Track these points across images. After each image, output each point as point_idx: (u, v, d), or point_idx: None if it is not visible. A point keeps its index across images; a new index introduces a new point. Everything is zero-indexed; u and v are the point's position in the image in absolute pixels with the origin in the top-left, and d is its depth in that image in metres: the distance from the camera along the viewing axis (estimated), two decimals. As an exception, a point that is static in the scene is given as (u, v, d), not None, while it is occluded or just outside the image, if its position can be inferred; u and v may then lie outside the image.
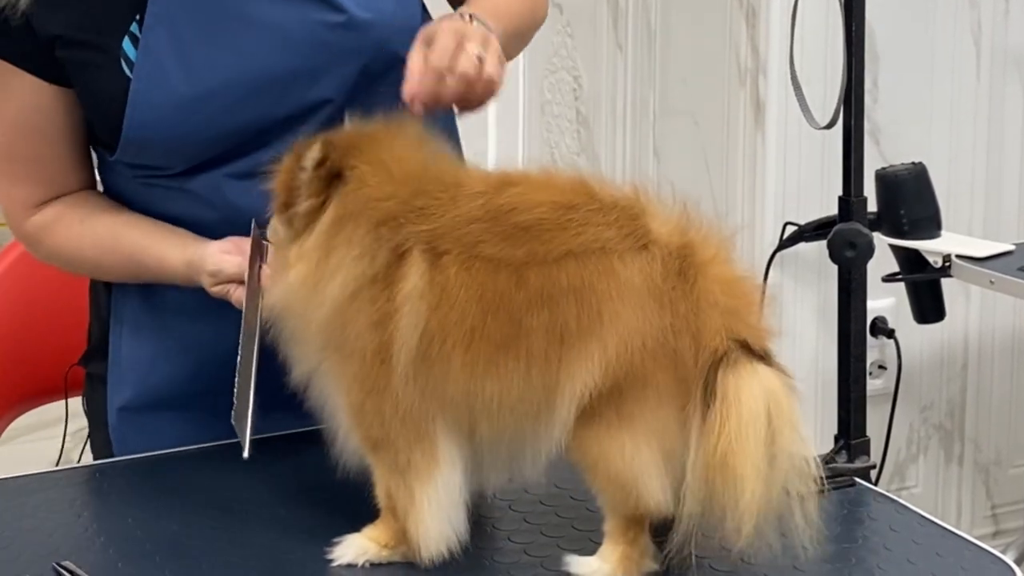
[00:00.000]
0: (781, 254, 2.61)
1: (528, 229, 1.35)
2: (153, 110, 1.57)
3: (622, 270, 1.34)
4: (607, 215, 1.36)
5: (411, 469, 1.39)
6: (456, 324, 1.35)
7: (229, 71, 1.58)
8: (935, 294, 2.53)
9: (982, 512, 2.99)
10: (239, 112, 1.59)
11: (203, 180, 1.62)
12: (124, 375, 1.72)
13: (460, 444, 1.39)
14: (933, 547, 1.47)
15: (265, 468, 1.63)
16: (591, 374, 1.33)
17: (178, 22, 1.57)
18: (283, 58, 1.59)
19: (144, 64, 1.57)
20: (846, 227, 1.76)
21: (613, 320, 1.33)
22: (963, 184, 2.84)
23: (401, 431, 1.38)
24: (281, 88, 1.59)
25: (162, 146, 1.60)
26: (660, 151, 2.95)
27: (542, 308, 1.34)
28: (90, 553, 1.44)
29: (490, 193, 1.38)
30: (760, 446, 1.31)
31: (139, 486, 1.60)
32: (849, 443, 1.71)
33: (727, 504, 1.31)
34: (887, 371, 2.71)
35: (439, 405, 1.37)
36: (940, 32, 2.79)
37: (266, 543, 1.46)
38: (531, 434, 1.37)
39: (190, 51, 1.57)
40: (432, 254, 1.36)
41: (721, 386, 1.32)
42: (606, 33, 3.04)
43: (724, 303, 1.35)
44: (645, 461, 1.35)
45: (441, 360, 1.35)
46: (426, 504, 1.39)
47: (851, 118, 1.77)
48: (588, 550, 1.41)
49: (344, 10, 1.59)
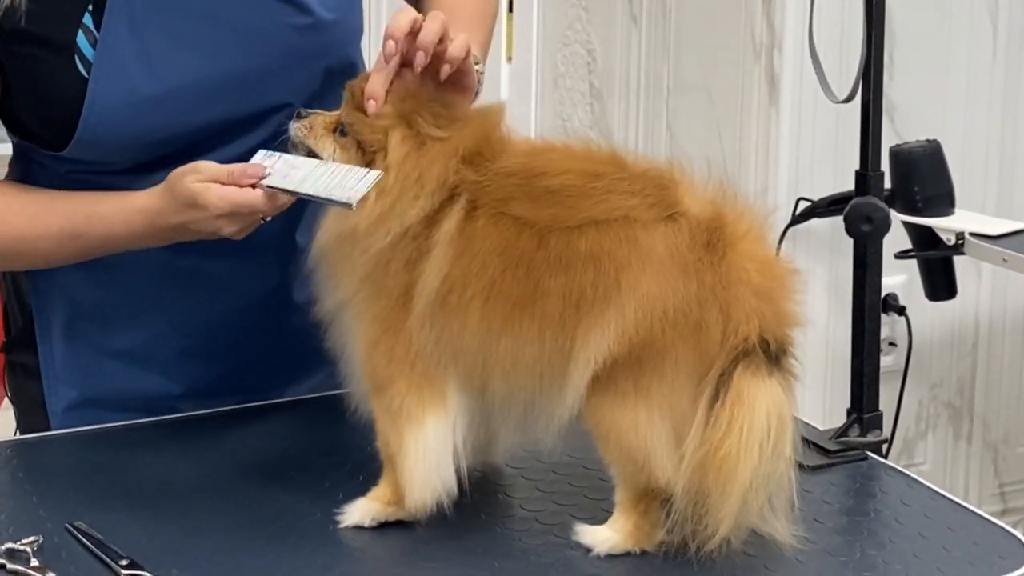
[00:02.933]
0: (793, 229, 2.61)
1: (554, 193, 1.36)
2: (111, 110, 1.53)
3: (644, 238, 1.34)
4: (633, 184, 1.36)
5: (403, 413, 1.40)
6: (476, 275, 1.35)
7: (193, 71, 1.55)
8: (947, 271, 2.54)
9: (990, 490, 3.00)
10: (199, 112, 1.57)
11: (147, 180, 1.55)
12: (60, 375, 1.68)
13: (468, 398, 1.40)
14: (944, 521, 1.48)
15: (280, 431, 1.64)
16: (606, 340, 1.33)
17: (140, 20, 1.54)
18: (249, 59, 1.57)
19: (103, 63, 1.53)
20: (863, 201, 1.75)
21: (632, 287, 1.33)
22: (977, 162, 2.84)
23: (405, 373, 1.39)
24: (244, 89, 1.57)
25: (116, 144, 1.56)
26: (673, 125, 2.94)
27: (560, 272, 1.34)
28: (102, 513, 1.45)
29: (530, 154, 1.40)
30: (758, 461, 1.32)
31: (152, 446, 1.60)
32: (862, 417, 1.71)
33: (711, 501, 1.32)
34: (897, 348, 2.71)
35: (452, 355, 1.38)
36: (956, 9, 2.78)
37: (278, 507, 1.47)
38: (545, 398, 1.37)
39: (152, 50, 1.54)
40: (470, 203, 1.37)
41: (737, 383, 1.32)
42: (621, 6, 3.03)
43: (758, 282, 1.35)
44: (658, 435, 1.35)
45: (459, 309, 1.36)
46: (413, 449, 1.39)
47: (869, 92, 1.77)
48: (600, 519, 1.41)
49: (311, 12, 1.58)
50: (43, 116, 1.57)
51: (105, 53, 1.53)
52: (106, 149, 1.57)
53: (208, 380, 1.68)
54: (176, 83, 1.55)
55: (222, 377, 1.69)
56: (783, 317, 1.36)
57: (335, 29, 1.60)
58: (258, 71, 1.58)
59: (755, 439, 1.31)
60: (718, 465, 1.31)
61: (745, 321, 1.33)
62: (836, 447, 1.63)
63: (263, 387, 1.72)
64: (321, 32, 1.59)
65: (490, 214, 1.37)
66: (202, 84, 1.56)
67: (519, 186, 1.37)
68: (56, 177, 1.61)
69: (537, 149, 1.42)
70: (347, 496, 1.45)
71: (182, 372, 1.68)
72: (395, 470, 1.41)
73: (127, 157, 1.58)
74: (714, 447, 1.31)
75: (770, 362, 1.34)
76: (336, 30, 1.60)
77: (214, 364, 1.68)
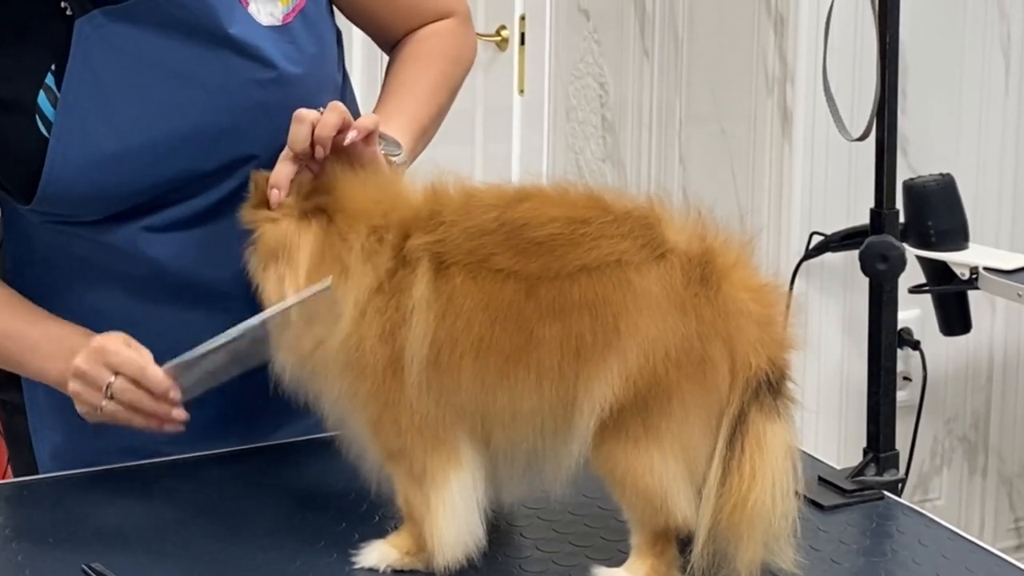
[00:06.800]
0: (807, 264, 2.60)
1: (541, 244, 1.35)
2: (72, 167, 1.53)
3: (638, 281, 1.34)
4: (621, 227, 1.35)
5: (427, 476, 1.39)
6: (464, 332, 1.35)
7: (156, 128, 1.55)
8: (962, 306, 2.53)
9: (1005, 525, 2.99)
10: (163, 167, 1.57)
11: (118, 232, 1.58)
12: (45, 419, 1.68)
13: (476, 451, 1.39)
14: (962, 561, 1.47)
15: (292, 474, 1.64)
16: (611, 387, 1.33)
17: (103, 78, 1.53)
18: (213, 115, 1.56)
19: (64, 122, 1.53)
20: (878, 239, 1.75)
21: (631, 332, 1.33)
22: (991, 196, 2.83)
23: (418, 440, 1.39)
24: (208, 144, 1.57)
25: (79, 199, 1.56)
26: (686, 159, 2.94)
27: (554, 320, 1.34)
28: (119, 555, 1.44)
29: (503, 207, 1.38)
30: (782, 505, 1.34)
31: (168, 487, 1.60)
32: (878, 456, 1.70)
33: (738, 546, 1.34)
34: (912, 382, 2.71)
35: (455, 413, 1.38)
36: (969, 44, 2.78)
37: (294, 547, 1.46)
38: (550, 448, 1.37)
39: (114, 105, 1.54)
40: (439, 264, 1.36)
41: (754, 429, 1.33)
42: (633, 40, 3.03)
43: (757, 312, 1.35)
44: (673, 475, 1.34)
45: (452, 369, 1.36)
46: (442, 510, 1.39)
47: (883, 130, 1.77)
48: (616, 560, 1.41)
49: (275, 66, 1.57)
50: (5, 172, 1.58)
51: (66, 111, 1.53)
52: (71, 204, 1.57)
53: (199, 423, 1.60)
54: (138, 140, 1.55)
55: (214, 420, 1.65)
56: (783, 342, 1.37)
57: (301, 83, 1.58)
58: (222, 125, 1.57)
59: (779, 486, 1.33)
60: (749, 516, 1.32)
61: (753, 353, 1.34)
62: (853, 486, 1.62)
63: (255, 428, 1.70)
64: (284, 86, 1.57)
65: (467, 272, 1.35)
66: (165, 140, 1.55)
67: (499, 241, 1.35)
68: (34, 226, 1.62)
69: (508, 200, 1.39)
70: (363, 537, 1.45)
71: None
72: (418, 526, 1.41)
73: (94, 210, 1.58)
74: (743, 497, 1.32)
75: (774, 391, 1.34)
76: (302, 84, 1.59)
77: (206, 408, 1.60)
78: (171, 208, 1.59)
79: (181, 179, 1.58)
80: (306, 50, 1.60)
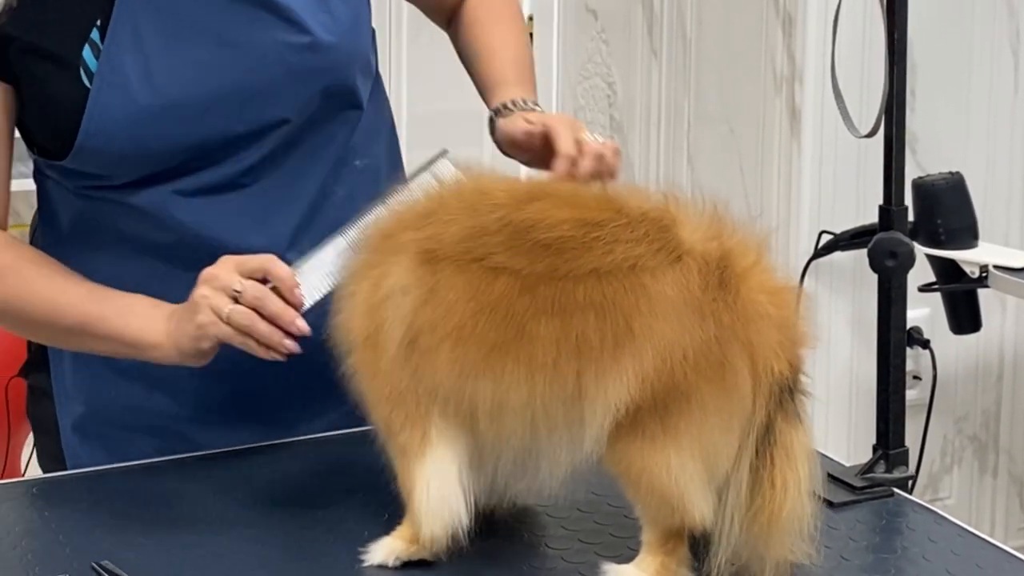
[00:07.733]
0: (816, 263, 2.60)
1: (548, 247, 1.35)
2: (110, 119, 1.57)
3: (652, 284, 1.33)
4: (635, 230, 1.34)
5: (408, 449, 1.41)
6: (443, 320, 1.36)
7: (191, 84, 1.58)
8: (971, 304, 2.52)
9: (1016, 524, 2.98)
10: (196, 126, 1.59)
11: (148, 195, 1.61)
12: (70, 392, 1.71)
13: (456, 434, 1.40)
14: (972, 558, 1.47)
15: (303, 472, 1.64)
16: (626, 387, 1.32)
17: (143, 32, 1.57)
18: (246, 75, 1.59)
19: (105, 72, 1.56)
20: (887, 236, 1.75)
21: (646, 334, 1.32)
22: (1000, 194, 2.83)
23: (396, 413, 1.40)
24: (241, 104, 1.60)
25: (115, 155, 1.59)
26: (694, 158, 2.94)
27: (552, 318, 1.33)
28: (127, 551, 1.44)
29: (511, 206, 1.38)
30: (808, 511, 1.36)
31: (176, 483, 1.60)
32: (888, 453, 1.70)
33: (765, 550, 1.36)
34: (922, 381, 2.70)
35: (428, 394, 1.39)
36: (978, 41, 2.77)
37: (303, 545, 1.47)
38: (546, 444, 1.37)
39: (153, 62, 1.57)
40: (427, 257, 1.38)
41: (781, 439, 1.34)
42: (641, 39, 3.03)
43: (776, 315, 1.35)
44: (690, 475, 1.34)
45: (429, 351, 1.37)
46: (420, 484, 1.40)
47: (892, 127, 1.76)
48: (625, 557, 1.40)
49: (310, 32, 1.61)
50: (45, 124, 1.61)
51: (107, 65, 1.56)
52: (106, 160, 1.60)
53: (217, 401, 1.68)
54: (175, 97, 1.58)
55: (231, 400, 1.69)
56: (800, 342, 1.37)
57: (334, 51, 1.63)
58: (255, 88, 1.60)
59: (806, 492, 1.36)
60: (782, 526, 1.35)
61: (774, 357, 1.34)
62: (862, 483, 1.62)
63: (275, 418, 1.71)
64: (318, 53, 1.62)
65: (456, 266, 1.36)
66: (200, 98, 1.59)
67: (501, 243, 1.35)
68: (65, 194, 1.65)
69: (518, 199, 1.38)
70: (372, 534, 1.45)
71: (189, 391, 1.68)
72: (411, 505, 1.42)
73: (127, 169, 1.61)
74: (777, 508, 1.34)
75: (791, 391, 1.35)
76: (335, 52, 1.63)
77: (223, 384, 1.67)
78: (201, 172, 1.61)
79: (213, 140, 1.61)
80: (341, 20, 1.64)
